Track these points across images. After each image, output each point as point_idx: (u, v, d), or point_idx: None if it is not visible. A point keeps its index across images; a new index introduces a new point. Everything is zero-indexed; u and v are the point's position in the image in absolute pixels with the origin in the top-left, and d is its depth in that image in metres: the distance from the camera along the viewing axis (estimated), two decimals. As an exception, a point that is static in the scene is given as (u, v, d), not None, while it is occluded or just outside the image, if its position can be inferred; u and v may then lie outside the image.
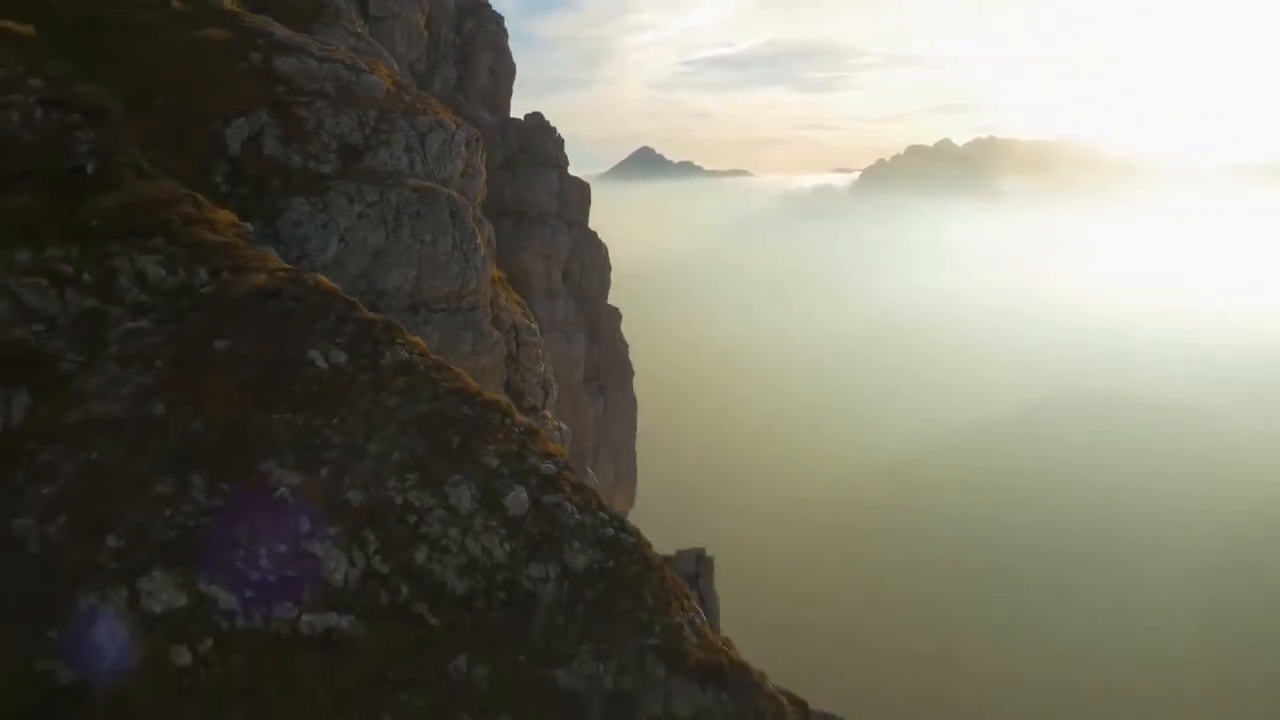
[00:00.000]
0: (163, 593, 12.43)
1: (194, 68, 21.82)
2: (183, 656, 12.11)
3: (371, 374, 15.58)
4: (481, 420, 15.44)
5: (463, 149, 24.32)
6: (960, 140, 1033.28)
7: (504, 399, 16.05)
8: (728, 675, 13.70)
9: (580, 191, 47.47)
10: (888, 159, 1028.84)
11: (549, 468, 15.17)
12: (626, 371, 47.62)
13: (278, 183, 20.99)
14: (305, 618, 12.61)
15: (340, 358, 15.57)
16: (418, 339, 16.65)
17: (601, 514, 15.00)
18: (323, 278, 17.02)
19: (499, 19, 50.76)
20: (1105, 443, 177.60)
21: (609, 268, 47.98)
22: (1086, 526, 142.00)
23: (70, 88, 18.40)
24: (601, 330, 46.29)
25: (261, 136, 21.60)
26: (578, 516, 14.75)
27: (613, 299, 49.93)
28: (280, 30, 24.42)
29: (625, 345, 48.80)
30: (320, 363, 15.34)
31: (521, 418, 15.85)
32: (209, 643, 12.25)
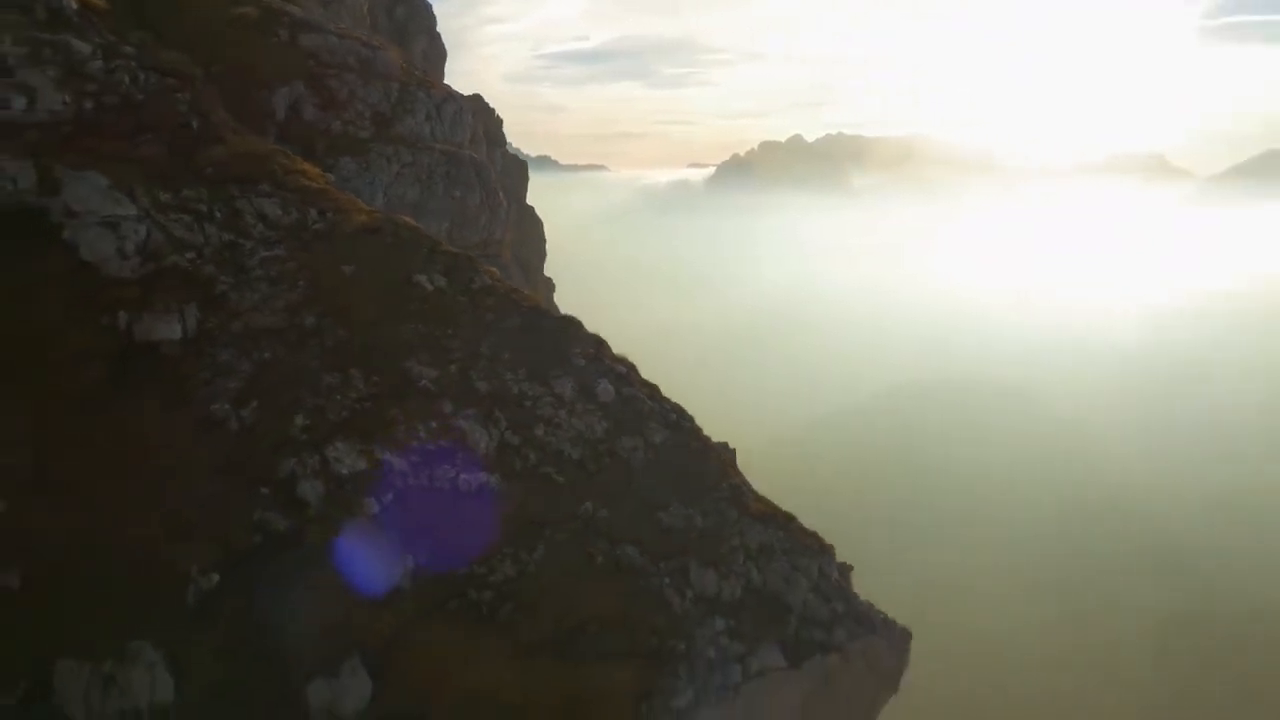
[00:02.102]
0: (347, 458, 15.36)
1: (238, 41, 24.14)
2: (372, 506, 15.10)
3: (468, 295, 18.68)
4: (563, 330, 18.76)
5: (469, 118, 27.24)
6: (812, 137, 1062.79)
7: (573, 316, 19.37)
8: (779, 518, 17.48)
9: (520, 168, 50.62)
10: (742, 154, 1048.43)
11: (621, 368, 18.62)
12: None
13: (323, 144, 23.60)
14: (462, 476, 15.74)
15: (441, 281, 18.60)
16: (492, 269, 19.79)
17: (665, 404, 18.55)
18: (408, 218, 19.97)
19: (428, 5, 53.18)
20: (954, 428, 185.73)
21: (544, 240, 51.28)
22: (935, 507, 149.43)
23: (158, 55, 20.73)
24: (540, 299, 49.06)
25: (301, 104, 24.12)
26: (650, 404, 18.25)
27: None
28: (297, 10, 26.81)
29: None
30: (427, 285, 18.36)
31: (590, 331, 19.22)
32: (390, 495, 15.28)
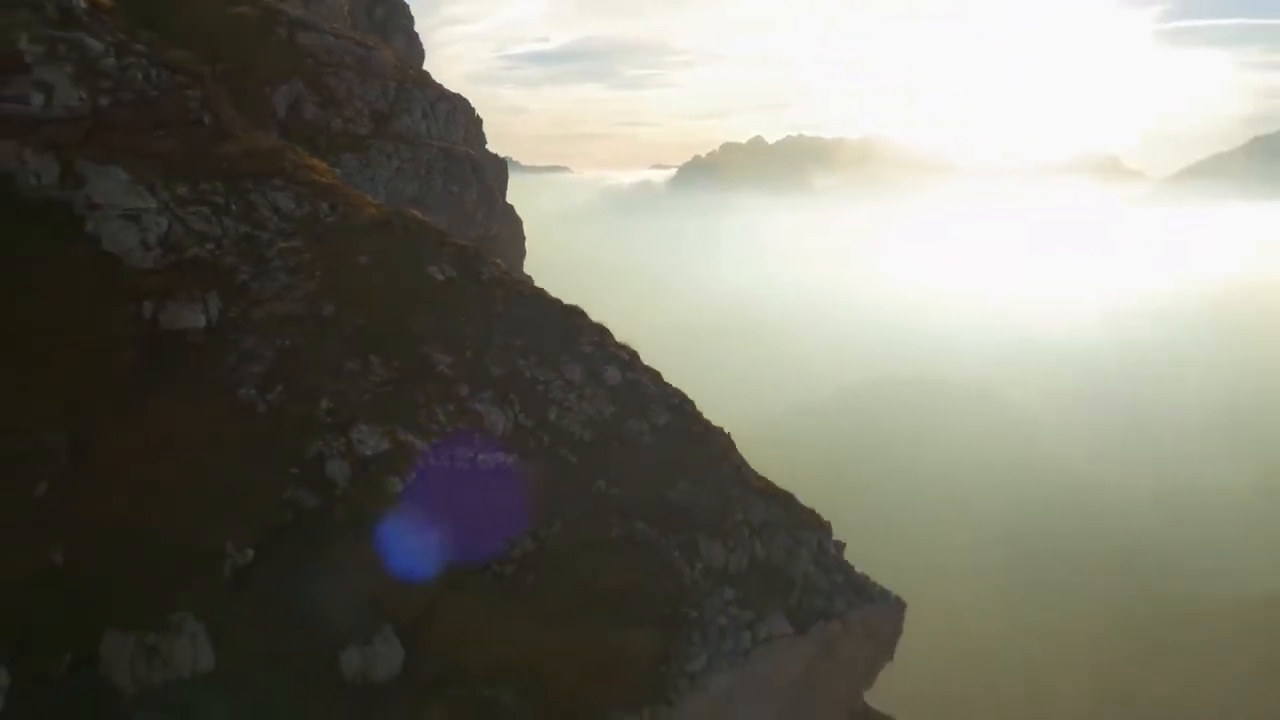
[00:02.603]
0: (370, 440, 16.02)
1: (239, 40, 24.62)
2: (395, 485, 15.77)
3: (477, 285, 19.37)
4: (569, 319, 19.51)
5: (462, 117, 27.91)
6: (772, 138, 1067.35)
7: (577, 306, 20.12)
8: (779, 496, 18.34)
9: (500, 167, 51.07)
10: (704, 155, 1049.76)
11: (625, 354, 19.40)
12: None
13: (324, 141, 24.15)
14: (481, 456, 16.45)
15: (451, 272, 19.27)
16: (498, 260, 20.50)
17: (667, 389, 19.35)
18: (415, 212, 20.61)
19: (405, 5, 53.57)
20: (916, 427, 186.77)
21: (524, 238, 51.85)
22: (897, 506, 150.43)
23: (166, 53, 21.22)
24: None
25: (301, 102, 24.67)
26: (653, 389, 19.05)
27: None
28: (292, 10, 27.34)
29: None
30: (438, 275, 19.03)
31: (593, 320, 19.99)
32: (413, 475, 15.95)
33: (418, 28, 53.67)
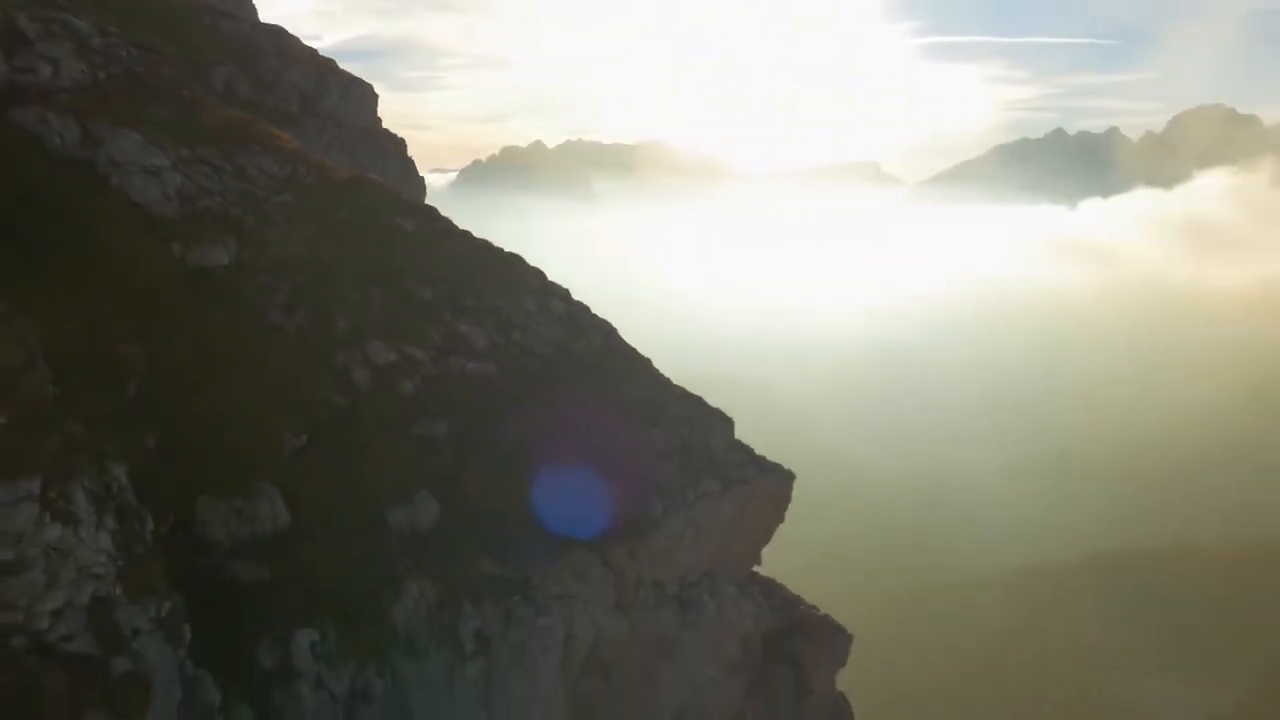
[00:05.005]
0: (382, 353, 19.69)
1: (174, 26, 27.00)
2: (405, 388, 19.52)
3: (436, 234, 23.17)
4: (513, 263, 23.63)
5: (371, 101, 31.06)
6: (552, 143, 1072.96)
7: (517, 253, 24.24)
8: (693, 398, 23.15)
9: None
10: (484, 159, 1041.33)
11: (563, 291, 23.71)
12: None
13: (262, 117, 26.93)
14: (470, 365, 20.40)
15: (414, 223, 22.99)
16: (447, 216, 24.33)
17: (596, 318, 23.81)
18: (373, 176, 24.13)
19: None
20: None
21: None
22: None
23: (136, 36, 23.81)
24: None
25: (235, 83, 27.38)
26: (587, 319, 23.46)
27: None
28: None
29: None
30: (406, 226, 22.72)
31: (530, 264, 24.20)
32: (419, 379, 19.74)
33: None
